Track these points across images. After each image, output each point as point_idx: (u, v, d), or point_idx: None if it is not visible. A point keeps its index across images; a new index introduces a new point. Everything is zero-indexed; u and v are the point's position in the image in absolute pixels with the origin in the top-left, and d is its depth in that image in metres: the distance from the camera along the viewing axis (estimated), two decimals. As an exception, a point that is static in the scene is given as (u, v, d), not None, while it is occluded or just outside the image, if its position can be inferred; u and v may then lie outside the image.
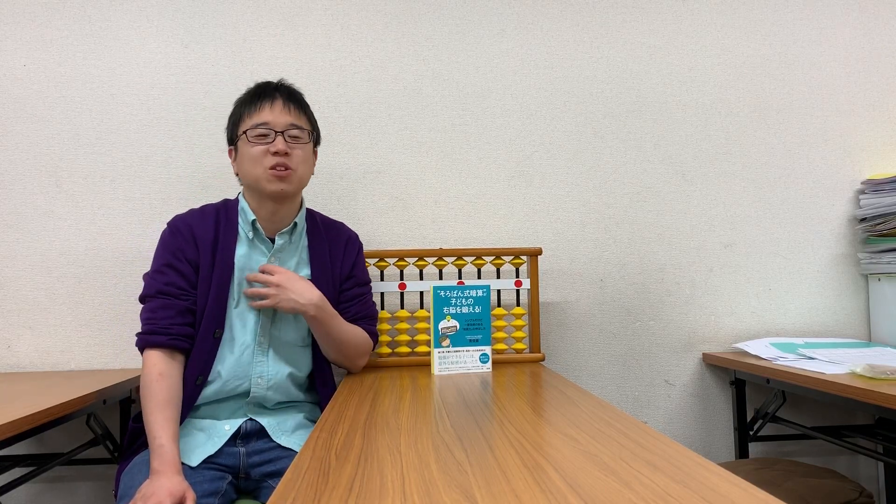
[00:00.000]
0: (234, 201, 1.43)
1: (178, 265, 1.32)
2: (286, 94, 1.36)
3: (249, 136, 1.32)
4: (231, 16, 1.81)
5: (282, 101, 1.34)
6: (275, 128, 1.32)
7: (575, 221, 1.88)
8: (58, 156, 1.76)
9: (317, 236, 1.45)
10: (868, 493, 1.36)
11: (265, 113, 1.32)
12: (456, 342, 1.51)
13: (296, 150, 1.34)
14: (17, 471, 1.57)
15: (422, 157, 1.85)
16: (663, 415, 1.87)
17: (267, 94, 1.35)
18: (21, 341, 1.73)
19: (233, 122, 1.38)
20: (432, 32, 1.86)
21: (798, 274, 1.92)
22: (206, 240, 1.34)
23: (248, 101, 1.35)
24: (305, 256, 1.43)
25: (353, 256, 1.50)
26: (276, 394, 1.36)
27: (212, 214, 1.39)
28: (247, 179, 1.36)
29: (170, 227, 1.36)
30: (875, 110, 1.96)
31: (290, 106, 1.35)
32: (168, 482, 1.10)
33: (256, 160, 1.32)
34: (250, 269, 1.37)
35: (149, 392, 1.21)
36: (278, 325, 1.38)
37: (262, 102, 1.33)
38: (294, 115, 1.35)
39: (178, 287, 1.31)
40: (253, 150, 1.32)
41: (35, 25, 1.77)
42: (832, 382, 1.33)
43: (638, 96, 1.91)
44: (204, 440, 1.29)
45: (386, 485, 0.69)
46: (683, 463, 0.73)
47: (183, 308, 1.29)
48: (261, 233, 1.38)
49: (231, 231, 1.37)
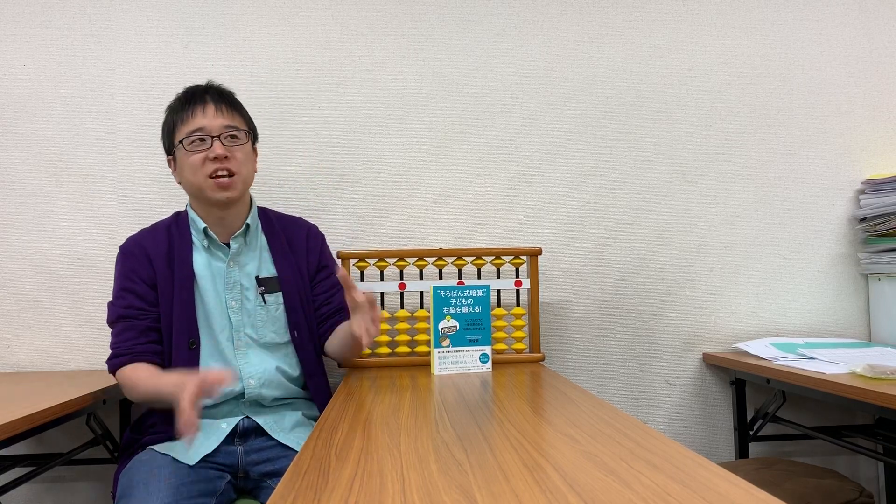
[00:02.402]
0: (183, 213, 1.42)
1: (133, 287, 1.32)
2: (216, 95, 1.34)
3: (185, 144, 1.30)
4: (231, 16, 1.81)
5: (213, 104, 1.32)
6: (210, 132, 1.30)
7: (575, 221, 1.88)
8: (58, 156, 1.76)
9: (274, 234, 1.45)
10: (868, 493, 1.36)
11: (198, 118, 1.30)
12: (456, 342, 1.51)
13: (235, 151, 1.32)
14: (17, 471, 1.57)
15: (422, 157, 1.85)
16: (663, 415, 1.87)
17: (197, 98, 1.32)
18: (21, 341, 1.73)
19: (167, 132, 1.36)
20: (432, 32, 1.86)
21: (798, 274, 1.92)
22: (160, 255, 1.34)
23: (179, 108, 1.33)
24: (267, 255, 1.43)
25: (317, 247, 1.49)
26: (271, 390, 1.36)
27: (163, 229, 1.39)
28: (190, 189, 1.35)
29: (121, 251, 1.37)
30: (875, 110, 1.96)
31: (223, 107, 1.33)
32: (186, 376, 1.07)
33: (196, 168, 1.30)
34: (211, 276, 1.36)
35: (130, 384, 1.26)
36: (253, 326, 1.37)
37: (193, 108, 1.31)
38: (228, 116, 1.33)
39: (137, 308, 1.32)
40: (191, 158, 1.30)
41: (35, 25, 1.77)
42: (832, 382, 1.33)
43: (638, 96, 1.91)
44: (202, 439, 1.29)
45: (386, 485, 0.69)
46: (683, 463, 0.73)
47: (144, 327, 1.31)
48: (214, 239, 1.37)
49: (185, 242, 1.37)
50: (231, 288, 1.37)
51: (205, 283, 1.35)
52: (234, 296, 1.37)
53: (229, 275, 1.37)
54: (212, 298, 1.35)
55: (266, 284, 1.39)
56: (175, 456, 1.23)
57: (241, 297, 1.37)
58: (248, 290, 1.38)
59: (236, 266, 1.38)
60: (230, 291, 1.36)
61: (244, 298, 1.37)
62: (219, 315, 1.35)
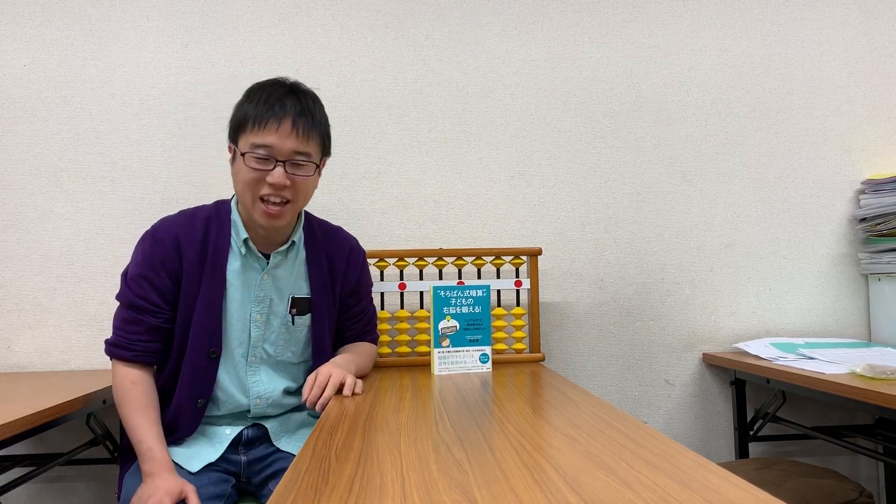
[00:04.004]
0: (226, 207, 1.30)
1: (154, 279, 1.22)
2: (298, 108, 1.19)
3: (247, 158, 1.18)
4: (231, 16, 1.81)
5: (291, 118, 1.18)
6: (277, 155, 1.18)
7: (575, 221, 1.88)
8: (58, 156, 1.76)
9: (315, 249, 1.35)
10: (868, 493, 1.36)
11: (270, 133, 1.17)
12: (456, 342, 1.51)
13: (297, 180, 1.20)
14: (17, 471, 1.57)
15: (422, 158, 1.85)
16: (663, 415, 1.87)
17: (277, 104, 1.18)
18: (21, 341, 1.73)
19: (236, 124, 1.22)
20: (432, 32, 1.86)
21: (798, 274, 1.92)
22: (193, 250, 1.23)
23: (257, 106, 1.19)
24: (304, 272, 1.34)
25: (357, 270, 1.41)
26: (275, 408, 1.34)
27: (201, 220, 1.27)
28: (240, 197, 1.25)
29: (153, 235, 1.24)
30: (875, 110, 1.96)
31: (300, 126, 1.18)
32: (163, 482, 1.10)
33: (250, 185, 1.19)
34: (246, 285, 1.27)
35: (125, 399, 1.19)
36: (273, 343, 1.31)
37: (269, 117, 1.17)
38: (302, 138, 1.19)
39: (152, 303, 1.22)
40: (249, 174, 1.18)
41: (35, 25, 1.77)
42: (832, 382, 1.33)
43: (638, 96, 1.91)
44: (205, 444, 1.27)
45: (386, 485, 0.69)
46: (683, 463, 0.73)
47: (153, 326, 1.22)
48: (254, 251, 1.27)
49: (223, 242, 1.26)
50: (260, 301, 1.28)
51: (233, 291, 1.26)
52: (260, 309, 1.28)
53: (261, 287, 1.28)
54: (237, 308, 1.27)
55: (298, 306, 1.32)
56: (178, 461, 1.21)
57: (269, 312, 1.29)
58: (276, 306, 1.30)
59: (270, 279, 1.29)
60: (258, 305, 1.28)
61: (271, 314, 1.29)
62: (240, 327, 1.27)
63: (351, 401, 1.18)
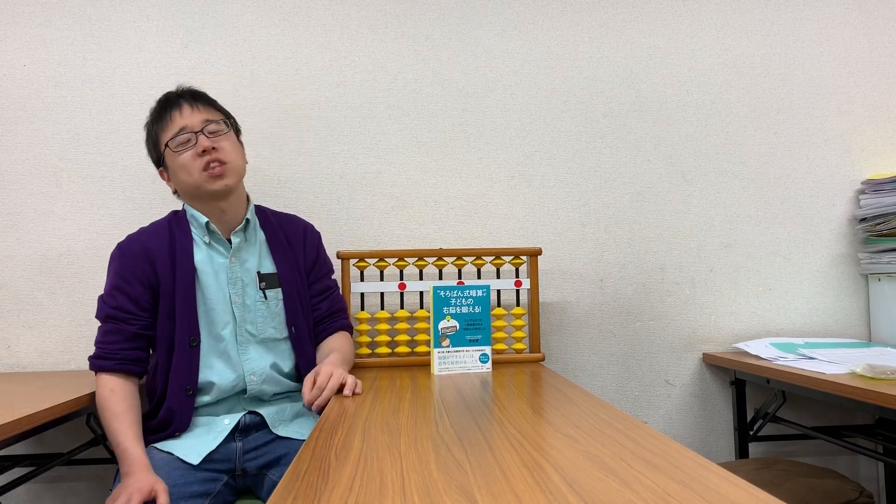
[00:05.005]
0: (182, 211, 1.42)
1: (127, 288, 1.31)
2: (189, 96, 1.36)
3: (172, 146, 1.31)
4: (231, 16, 1.81)
5: (187, 104, 1.34)
6: (192, 129, 1.31)
7: (575, 221, 1.88)
8: (58, 156, 1.76)
9: (272, 230, 1.46)
10: (868, 493, 1.36)
11: (177, 120, 1.32)
12: (456, 342, 1.51)
13: (220, 142, 1.33)
14: (17, 471, 1.57)
15: (422, 158, 1.85)
16: (663, 415, 1.87)
17: (171, 103, 1.35)
18: (21, 341, 1.73)
19: (152, 144, 1.38)
20: (432, 32, 1.86)
21: (798, 274, 1.92)
22: (163, 253, 1.34)
23: (157, 118, 1.35)
24: (266, 251, 1.44)
25: (314, 246, 1.51)
26: (271, 386, 1.37)
27: (164, 227, 1.39)
28: (187, 189, 1.35)
29: (119, 249, 1.35)
30: (875, 110, 1.96)
31: (198, 105, 1.34)
32: (136, 480, 1.13)
33: (188, 167, 1.31)
34: (213, 272, 1.36)
35: (103, 406, 1.25)
36: (253, 322, 1.38)
37: (170, 112, 1.33)
38: (204, 111, 1.34)
39: (127, 311, 1.30)
40: (181, 158, 1.31)
41: (35, 25, 1.77)
42: (832, 382, 1.33)
43: (638, 96, 1.91)
44: (205, 434, 1.30)
45: (386, 485, 0.69)
46: (683, 463, 0.73)
47: (131, 333, 1.30)
48: (216, 234, 1.37)
49: (186, 239, 1.36)
50: (234, 283, 1.37)
51: (206, 278, 1.35)
52: (236, 291, 1.37)
53: (232, 270, 1.37)
54: (214, 294, 1.35)
55: (266, 280, 1.40)
56: (178, 454, 1.24)
57: (243, 293, 1.37)
58: (248, 286, 1.38)
59: (238, 261, 1.38)
60: (233, 286, 1.36)
61: (245, 294, 1.38)
62: (222, 311, 1.35)
63: (351, 401, 1.18)
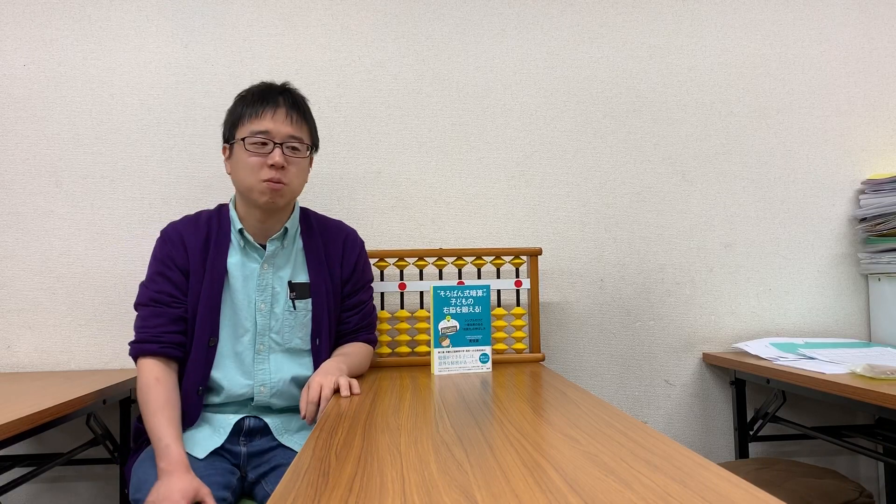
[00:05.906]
0: (226, 207, 1.41)
1: (168, 273, 1.31)
2: (290, 101, 1.33)
3: (247, 143, 1.29)
4: (231, 16, 1.81)
5: (285, 109, 1.31)
6: (274, 138, 1.29)
7: (575, 221, 1.88)
8: (58, 156, 1.76)
9: (312, 238, 1.43)
10: (868, 493, 1.36)
11: (266, 121, 1.29)
12: (456, 342, 1.51)
13: (292, 163, 1.32)
14: (17, 471, 1.57)
15: (422, 157, 1.85)
16: (663, 415, 1.87)
17: (271, 98, 1.31)
18: (21, 341, 1.73)
19: (231, 122, 1.34)
20: (432, 32, 1.86)
21: (798, 274, 1.92)
22: (196, 247, 1.33)
23: (251, 103, 1.31)
24: (301, 259, 1.41)
25: (353, 256, 1.46)
26: (280, 399, 1.35)
27: (205, 221, 1.38)
28: (240, 186, 1.33)
29: (161, 235, 1.37)
30: (875, 110, 1.96)
31: (293, 115, 1.32)
32: (179, 482, 1.11)
33: (252, 170, 1.29)
34: (245, 276, 1.35)
35: (147, 396, 1.22)
36: (279, 331, 1.36)
37: (264, 108, 1.30)
38: (296, 125, 1.32)
39: (169, 294, 1.30)
40: (250, 159, 1.29)
41: (35, 25, 1.77)
42: (832, 382, 1.33)
43: (638, 96, 1.91)
44: (210, 433, 1.30)
45: (386, 485, 0.69)
46: (683, 463, 0.73)
47: (175, 316, 1.29)
48: (250, 241, 1.36)
49: (224, 238, 1.36)
50: (262, 290, 1.35)
51: (236, 282, 1.34)
52: (264, 298, 1.35)
53: (263, 277, 1.35)
54: (241, 299, 1.34)
55: (297, 290, 1.38)
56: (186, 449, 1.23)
57: (272, 301, 1.35)
58: (279, 294, 1.36)
59: (271, 269, 1.37)
60: (261, 293, 1.35)
61: (274, 302, 1.36)
62: (244, 317, 1.34)
63: (351, 401, 1.18)
